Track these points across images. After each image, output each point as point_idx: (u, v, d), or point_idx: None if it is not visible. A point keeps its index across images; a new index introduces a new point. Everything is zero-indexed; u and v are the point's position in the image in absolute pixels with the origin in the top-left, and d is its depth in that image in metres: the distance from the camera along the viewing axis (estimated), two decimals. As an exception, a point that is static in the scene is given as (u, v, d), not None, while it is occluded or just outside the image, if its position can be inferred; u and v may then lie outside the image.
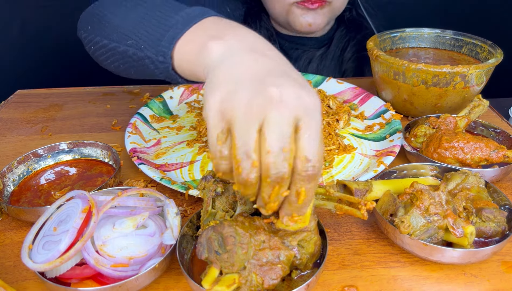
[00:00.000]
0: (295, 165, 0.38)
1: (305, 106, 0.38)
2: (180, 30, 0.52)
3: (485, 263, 0.52)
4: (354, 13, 1.13)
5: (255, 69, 0.40)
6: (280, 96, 0.37)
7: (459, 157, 0.66)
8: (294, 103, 0.37)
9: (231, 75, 0.41)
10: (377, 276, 0.51)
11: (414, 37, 0.99)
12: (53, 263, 0.43)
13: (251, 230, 0.43)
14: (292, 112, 0.37)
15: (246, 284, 0.41)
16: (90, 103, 0.97)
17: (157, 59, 0.55)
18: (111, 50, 0.64)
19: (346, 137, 0.79)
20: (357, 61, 1.12)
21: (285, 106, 0.37)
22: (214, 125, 0.39)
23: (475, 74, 0.78)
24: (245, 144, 0.37)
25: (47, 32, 1.39)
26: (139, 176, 0.69)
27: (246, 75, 0.40)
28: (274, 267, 0.42)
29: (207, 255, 0.42)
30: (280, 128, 0.37)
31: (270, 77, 0.39)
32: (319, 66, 1.11)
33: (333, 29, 1.12)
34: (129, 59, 0.61)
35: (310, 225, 0.44)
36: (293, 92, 0.38)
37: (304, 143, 0.38)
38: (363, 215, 0.45)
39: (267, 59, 0.42)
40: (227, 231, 0.41)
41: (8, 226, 0.60)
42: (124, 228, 0.48)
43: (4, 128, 0.87)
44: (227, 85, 0.40)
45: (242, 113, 0.37)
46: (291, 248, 0.43)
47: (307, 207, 0.41)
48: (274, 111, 0.37)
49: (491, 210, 0.52)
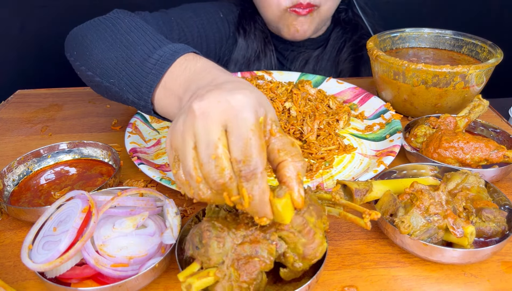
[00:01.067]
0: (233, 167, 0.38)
1: (227, 109, 0.39)
2: (156, 77, 0.55)
3: (485, 263, 0.52)
4: (350, 13, 1.13)
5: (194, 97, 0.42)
6: (200, 109, 0.39)
7: (459, 157, 0.66)
8: (213, 111, 0.39)
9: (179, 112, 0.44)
10: (377, 276, 0.51)
11: (414, 37, 0.99)
12: (53, 263, 0.43)
13: (232, 225, 0.42)
14: (214, 120, 0.39)
15: (225, 278, 0.41)
16: (90, 103, 0.97)
17: (139, 103, 0.59)
18: (95, 82, 0.66)
19: (346, 137, 0.79)
20: (353, 62, 1.13)
21: (206, 117, 0.39)
22: (168, 157, 0.43)
23: (475, 74, 0.78)
24: (186, 165, 0.40)
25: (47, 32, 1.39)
26: (139, 176, 0.69)
27: (187, 106, 0.42)
28: (251, 261, 0.41)
29: (192, 252, 0.42)
30: (205, 139, 0.38)
31: (197, 97, 0.41)
32: (315, 67, 1.11)
33: (329, 30, 1.12)
34: (114, 94, 0.64)
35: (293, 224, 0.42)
36: (212, 101, 0.39)
37: (231, 145, 0.38)
38: (366, 225, 0.44)
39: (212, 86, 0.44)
40: (204, 226, 0.42)
41: (8, 226, 0.60)
42: (124, 228, 0.48)
43: (4, 128, 0.87)
44: (174, 120, 0.43)
45: (179, 138, 0.40)
46: (271, 242, 0.42)
47: (263, 208, 0.39)
48: (198, 124, 0.39)
49: (491, 210, 0.52)
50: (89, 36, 0.68)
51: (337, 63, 1.13)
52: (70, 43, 0.73)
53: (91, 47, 0.66)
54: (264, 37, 1.08)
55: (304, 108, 0.78)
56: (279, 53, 1.12)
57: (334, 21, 1.12)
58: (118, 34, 0.64)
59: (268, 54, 1.08)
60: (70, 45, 0.73)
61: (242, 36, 1.07)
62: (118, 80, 0.60)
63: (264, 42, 1.08)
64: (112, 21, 0.68)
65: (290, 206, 0.40)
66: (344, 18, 1.12)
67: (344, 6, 1.12)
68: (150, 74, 0.56)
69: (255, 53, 1.07)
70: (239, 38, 1.07)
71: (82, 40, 0.69)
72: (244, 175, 0.38)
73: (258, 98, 0.41)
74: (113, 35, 0.64)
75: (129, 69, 0.59)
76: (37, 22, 1.38)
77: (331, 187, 0.64)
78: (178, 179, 0.42)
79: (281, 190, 0.40)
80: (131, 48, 0.61)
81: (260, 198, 0.39)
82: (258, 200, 0.39)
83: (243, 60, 1.08)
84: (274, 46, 1.10)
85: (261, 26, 1.09)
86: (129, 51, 0.60)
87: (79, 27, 0.73)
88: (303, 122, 0.76)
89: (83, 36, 0.69)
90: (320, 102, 0.82)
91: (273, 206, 0.40)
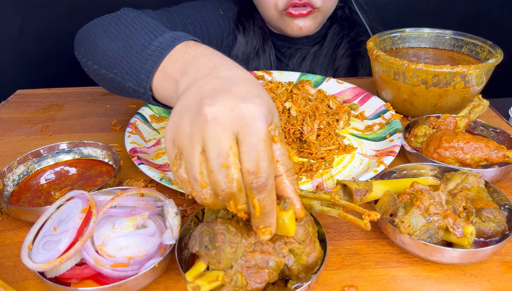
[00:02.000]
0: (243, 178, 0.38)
1: (239, 118, 0.38)
2: (154, 63, 0.55)
3: (485, 263, 0.52)
4: (347, 10, 1.14)
5: (198, 94, 0.41)
6: (212, 115, 0.38)
7: (459, 157, 0.66)
8: (226, 118, 0.38)
9: (181, 105, 0.42)
10: (377, 276, 0.51)
11: (414, 37, 0.99)
12: (52, 263, 0.43)
13: (244, 231, 0.42)
14: (225, 128, 0.38)
15: (231, 283, 0.41)
16: (90, 103, 0.97)
17: (138, 90, 0.58)
18: (101, 75, 0.66)
19: (346, 137, 0.79)
20: (350, 58, 1.14)
21: (219, 123, 0.38)
22: (168, 153, 0.42)
23: (475, 74, 0.78)
24: (191, 168, 0.39)
25: (47, 32, 1.39)
26: (139, 176, 0.69)
27: (190, 102, 0.41)
28: (261, 271, 0.42)
29: (198, 249, 0.42)
30: (217, 146, 0.37)
31: (206, 99, 0.40)
32: (312, 63, 1.12)
33: (326, 26, 1.13)
34: (117, 86, 0.64)
35: (297, 235, 0.43)
36: (225, 107, 0.38)
37: (243, 156, 0.38)
38: (366, 226, 0.44)
39: (216, 80, 0.43)
40: (218, 227, 0.41)
41: (8, 226, 0.60)
42: (124, 228, 0.48)
43: (4, 128, 0.87)
44: (176, 114, 0.42)
45: (186, 138, 0.39)
46: (282, 256, 0.43)
47: (271, 218, 0.40)
48: (209, 130, 0.38)
49: (491, 210, 0.52)
50: (94, 31, 0.69)
51: (334, 59, 1.14)
52: (78, 41, 0.74)
53: (96, 41, 0.67)
54: (263, 34, 1.10)
55: (304, 108, 0.78)
56: (277, 50, 1.13)
57: (331, 18, 1.13)
58: (122, 26, 0.65)
59: (267, 50, 1.10)
60: (78, 42, 0.74)
61: (241, 33, 1.08)
62: (120, 69, 0.60)
63: (263, 39, 1.10)
64: (117, 16, 0.69)
65: (294, 218, 0.42)
66: (341, 15, 1.13)
67: (341, 4, 1.13)
68: (149, 60, 0.55)
69: (254, 49, 1.09)
70: (239, 35, 1.08)
71: (89, 36, 0.70)
72: (255, 187, 0.38)
73: (269, 105, 0.41)
74: (117, 27, 0.65)
75: (130, 58, 0.59)
76: (37, 22, 1.38)
77: (331, 187, 0.64)
78: (178, 177, 0.41)
79: (286, 203, 0.41)
80: (132, 38, 0.61)
81: (270, 208, 0.39)
82: (268, 210, 0.39)
83: (243, 57, 1.09)
84: (273, 43, 1.12)
85: (259, 23, 1.10)
86: (131, 40, 0.60)
87: (86, 25, 0.74)
88: (303, 122, 0.76)
89: (90, 32, 0.70)
90: (320, 102, 0.82)
91: (279, 218, 0.41)
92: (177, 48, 0.54)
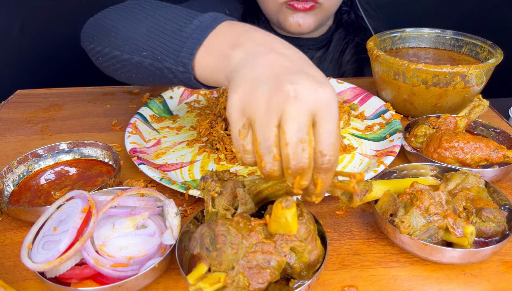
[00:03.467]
0: (314, 157, 0.40)
1: (321, 101, 0.40)
2: (198, 40, 0.54)
3: (485, 263, 0.52)
4: (353, 15, 1.12)
5: (272, 69, 0.42)
6: (295, 93, 0.39)
7: (459, 157, 0.66)
8: (309, 98, 0.39)
9: (251, 76, 0.43)
10: (377, 276, 0.51)
11: (414, 37, 0.99)
12: (52, 263, 0.43)
13: (245, 231, 0.42)
14: (308, 107, 0.39)
15: (233, 285, 0.41)
16: (90, 103, 0.97)
17: (177, 69, 0.57)
18: (123, 61, 0.65)
19: (346, 137, 0.79)
20: (356, 63, 1.12)
21: (301, 102, 0.39)
22: (235, 121, 0.42)
23: (475, 74, 0.78)
24: (266, 139, 0.40)
25: (47, 32, 1.39)
26: (139, 176, 0.69)
27: (264, 75, 0.42)
28: (262, 271, 0.42)
29: (199, 251, 0.42)
30: (297, 122, 0.39)
31: (286, 75, 0.41)
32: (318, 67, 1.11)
33: (331, 30, 1.12)
34: (144, 70, 0.62)
35: (299, 233, 0.44)
36: (308, 88, 0.40)
37: (319, 138, 0.40)
38: (354, 188, 0.44)
39: (284, 58, 0.44)
40: (219, 229, 0.41)
41: (8, 226, 0.60)
42: (124, 228, 0.48)
43: (4, 128, 0.87)
44: (246, 84, 0.42)
45: (261, 110, 0.40)
46: (283, 255, 0.43)
47: (323, 194, 0.44)
48: (291, 106, 0.39)
49: (491, 210, 0.52)
50: (112, 18, 0.68)
51: (340, 64, 1.12)
52: (89, 31, 0.72)
53: (116, 27, 0.65)
54: None
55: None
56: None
57: (336, 22, 1.12)
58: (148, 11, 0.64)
59: None
60: (88, 32, 0.72)
61: None
62: (153, 50, 0.59)
63: None
64: (138, 3, 0.67)
65: (296, 216, 0.42)
66: (346, 20, 1.12)
67: (347, 8, 1.11)
68: (191, 38, 0.55)
69: None
70: None
71: (104, 24, 0.69)
72: (324, 168, 0.41)
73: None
74: (143, 12, 0.64)
75: (164, 38, 0.58)
76: (37, 22, 1.38)
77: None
78: (241, 146, 0.42)
79: (288, 201, 0.41)
80: (164, 20, 0.60)
81: (327, 186, 0.44)
82: (326, 187, 0.44)
83: None
84: None
85: (265, 24, 1.09)
86: (162, 23, 0.60)
87: (97, 15, 0.73)
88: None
89: (105, 20, 0.69)
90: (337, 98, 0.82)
91: (281, 216, 0.41)
92: (222, 25, 0.54)
